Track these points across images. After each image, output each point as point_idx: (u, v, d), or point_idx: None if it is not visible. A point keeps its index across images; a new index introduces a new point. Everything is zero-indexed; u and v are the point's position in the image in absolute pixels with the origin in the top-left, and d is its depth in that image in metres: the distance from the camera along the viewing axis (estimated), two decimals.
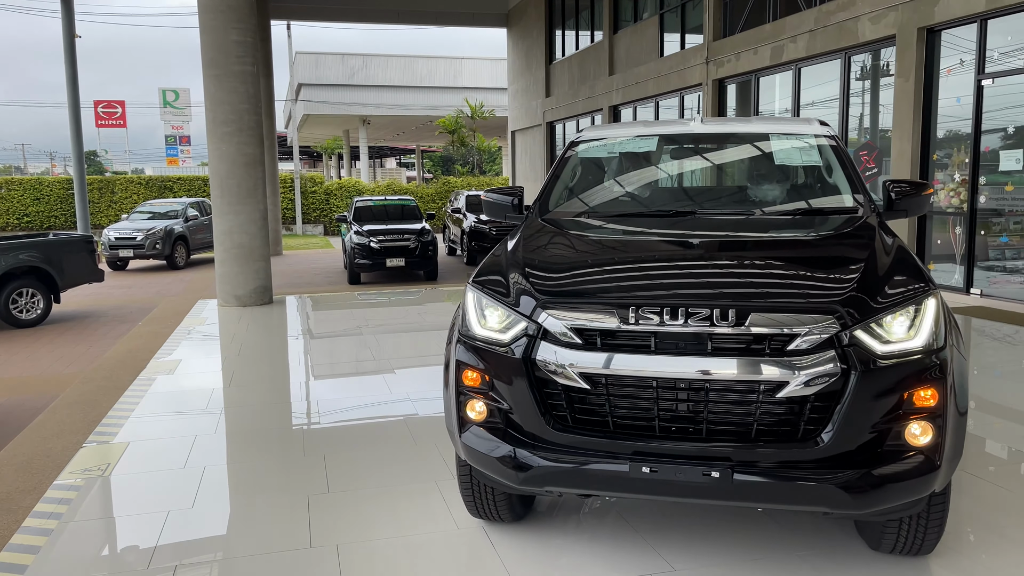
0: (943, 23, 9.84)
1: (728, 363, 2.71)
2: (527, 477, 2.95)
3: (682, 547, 3.45)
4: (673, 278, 3.07)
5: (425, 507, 3.96)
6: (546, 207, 4.23)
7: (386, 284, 16.06)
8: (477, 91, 38.14)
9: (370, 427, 5.32)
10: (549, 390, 2.94)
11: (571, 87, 21.78)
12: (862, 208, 3.82)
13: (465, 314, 3.23)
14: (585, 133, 4.66)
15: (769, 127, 4.42)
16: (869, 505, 2.70)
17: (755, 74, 13.68)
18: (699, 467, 2.74)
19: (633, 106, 18.39)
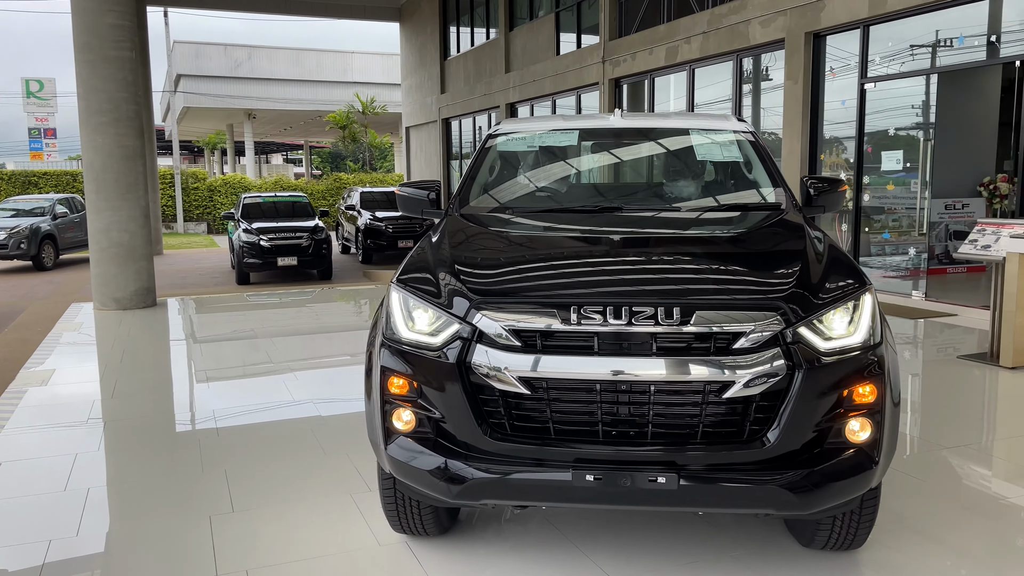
0: (829, 28, 10.23)
1: (674, 363, 2.60)
2: (462, 490, 2.76)
3: (615, 552, 3.34)
4: (612, 276, 2.95)
5: (342, 523, 3.70)
6: (467, 201, 4.04)
7: (277, 284, 15.44)
8: (368, 86, 37.38)
9: (274, 437, 4.98)
10: (485, 396, 2.76)
11: (467, 84, 21.61)
12: (785, 203, 3.82)
13: (389, 316, 3.00)
14: (503, 126, 4.49)
15: (688, 122, 4.38)
16: (814, 505, 2.65)
17: (651, 74, 13.88)
18: (645, 473, 2.62)
19: (530, 104, 18.39)
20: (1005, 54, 8.43)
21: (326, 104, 37.52)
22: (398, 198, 4.24)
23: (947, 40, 9.02)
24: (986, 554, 3.38)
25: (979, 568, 3.24)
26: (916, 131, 9.74)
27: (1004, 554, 3.37)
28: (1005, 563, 3.28)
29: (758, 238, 3.32)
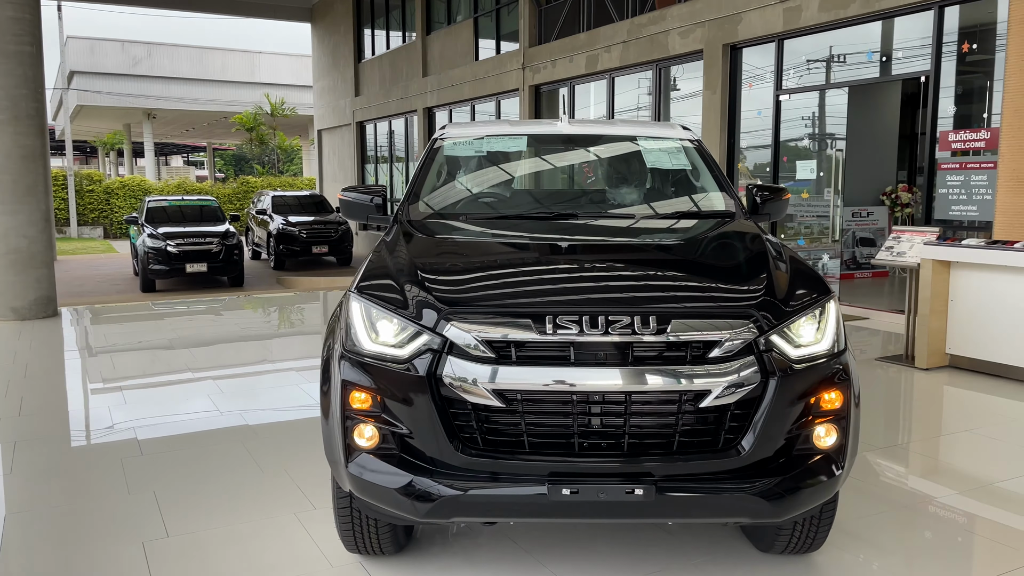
0: (746, 41, 10.53)
1: (651, 372, 2.56)
2: (432, 508, 2.65)
3: (579, 567, 3.28)
4: (584, 285, 2.89)
5: (289, 545, 3.51)
6: (417, 208, 3.92)
7: (186, 291, 14.79)
8: (276, 87, 36.42)
9: (203, 452, 4.72)
10: (455, 410, 2.66)
11: (383, 87, 21.31)
12: (736, 210, 3.86)
13: (349, 327, 2.86)
14: (449, 131, 4.39)
15: (636, 130, 4.39)
16: (786, 512, 2.66)
17: (571, 81, 14.00)
18: (622, 485, 2.57)
19: (449, 109, 18.28)
20: (909, 70, 8.86)
21: (232, 105, 36.34)
22: (341, 203, 4.09)
23: (856, 56, 9.42)
24: (927, 551, 3.48)
25: (925, 566, 3.34)
26: (828, 142, 10.14)
27: (944, 551, 3.48)
28: (949, 560, 3.39)
29: (720, 246, 3.33)
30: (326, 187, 26.41)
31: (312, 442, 4.90)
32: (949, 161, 8.31)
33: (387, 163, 22.28)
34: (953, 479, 4.30)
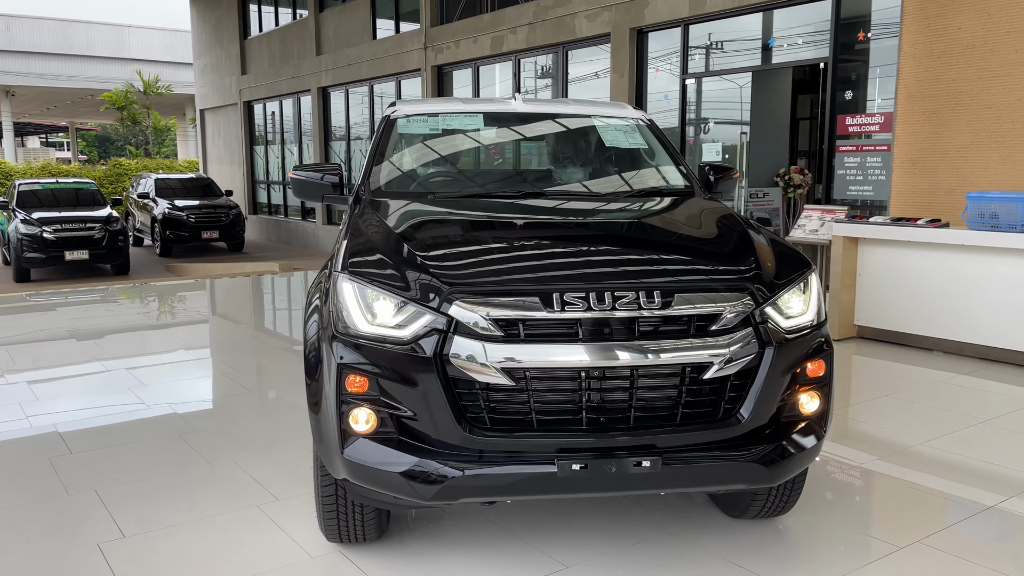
0: (652, 25, 10.76)
1: (657, 346, 2.60)
2: (441, 490, 2.60)
3: (564, 543, 3.30)
4: (583, 261, 2.89)
5: (260, 538, 3.37)
6: (379, 187, 3.81)
7: (65, 281, 13.87)
8: (149, 64, 34.43)
9: (141, 448, 4.45)
10: (461, 390, 2.61)
11: (272, 65, 20.54)
12: (696, 188, 3.96)
13: (342, 309, 2.75)
14: (402, 108, 4.28)
15: (590, 109, 4.42)
16: (782, 476, 2.77)
17: (476, 62, 13.92)
18: (630, 458, 2.60)
19: (345, 88, 17.82)
20: (809, 57, 9.30)
21: (99, 82, 34.11)
22: (294, 183, 3.93)
23: (759, 42, 9.80)
24: (863, 513, 3.71)
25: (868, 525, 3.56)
26: (733, 125, 10.53)
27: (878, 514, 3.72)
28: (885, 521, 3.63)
29: (703, 222, 3.39)
30: (211, 170, 25.29)
31: (256, 432, 4.72)
32: (846, 144, 8.81)
33: (279, 144, 21.53)
34: (871, 445, 4.55)
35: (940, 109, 7.56)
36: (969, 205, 6.17)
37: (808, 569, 3.13)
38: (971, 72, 7.30)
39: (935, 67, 7.57)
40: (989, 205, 6.01)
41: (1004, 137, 7.13)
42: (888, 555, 3.21)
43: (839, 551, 3.26)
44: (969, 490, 3.84)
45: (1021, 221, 5.81)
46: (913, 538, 3.33)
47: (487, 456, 2.62)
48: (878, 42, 8.50)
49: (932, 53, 7.59)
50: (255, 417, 4.98)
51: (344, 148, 18.41)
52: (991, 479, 4.01)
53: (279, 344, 7.24)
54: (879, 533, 3.41)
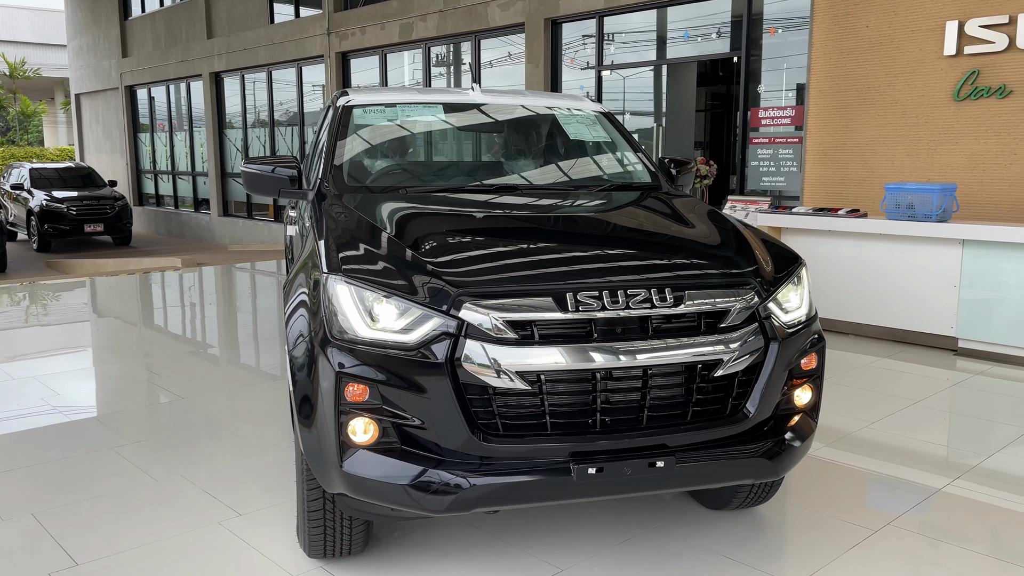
0: (567, 16, 10.79)
1: (671, 344, 2.56)
2: (455, 501, 2.48)
3: (554, 546, 3.24)
4: (589, 259, 2.81)
5: (231, 559, 3.14)
6: (341, 180, 3.62)
7: None
8: (15, 45, 32.04)
9: (70, 463, 4.07)
10: (472, 395, 2.50)
11: (157, 48, 19.45)
12: (661, 181, 3.96)
13: (337, 313, 2.58)
14: (355, 97, 4.08)
15: (549, 100, 4.34)
16: (785, 468, 2.80)
17: (383, 49, 13.59)
18: (644, 459, 2.56)
19: (241, 74, 17.07)
20: (722, 50, 9.54)
21: None
22: (245, 176, 3.68)
23: (674, 35, 9.98)
24: (835, 498, 3.83)
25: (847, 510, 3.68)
26: (646, 116, 10.69)
27: (846, 500, 3.85)
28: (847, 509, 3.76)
29: (691, 218, 3.35)
30: (89, 159, 23.79)
31: (196, 442, 4.43)
32: (759, 136, 9.09)
33: (167, 132, 20.44)
34: (817, 432, 4.72)
35: (850, 104, 7.90)
36: (887, 196, 6.47)
37: (800, 556, 3.19)
38: (879, 68, 7.66)
39: (845, 63, 7.90)
40: (906, 196, 6.32)
41: (909, 131, 7.52)
42: (867, 538, 3.31)
43: (821, 537, 3.33)
44: (920, 474, 4.01)
45: (936, 211, 6.14)
46: (883, 521, 3.45)
47: (500, 463, 2.52)
48: (789, 38, 8.81)
49: (842, 50, 7.92)
50: (192, 426, 4.66)
51: (241, 136, 17.66)
52: (936, 462, 4.21)
53: (202, 347, 6.84)
54: (851, 518, 3.51)
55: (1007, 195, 7.01)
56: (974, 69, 7.03)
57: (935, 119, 7.34)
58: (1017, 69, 6.82)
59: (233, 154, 18.06)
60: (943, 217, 6.18)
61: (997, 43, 6.86)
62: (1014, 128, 6.90)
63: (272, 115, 16.60)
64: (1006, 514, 3.57)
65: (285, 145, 16.44)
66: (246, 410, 4.96)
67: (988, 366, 5.96)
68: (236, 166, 18.05)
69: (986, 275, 6.02)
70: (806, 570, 3.06)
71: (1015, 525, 3.46)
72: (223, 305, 8.90)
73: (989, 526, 3.45)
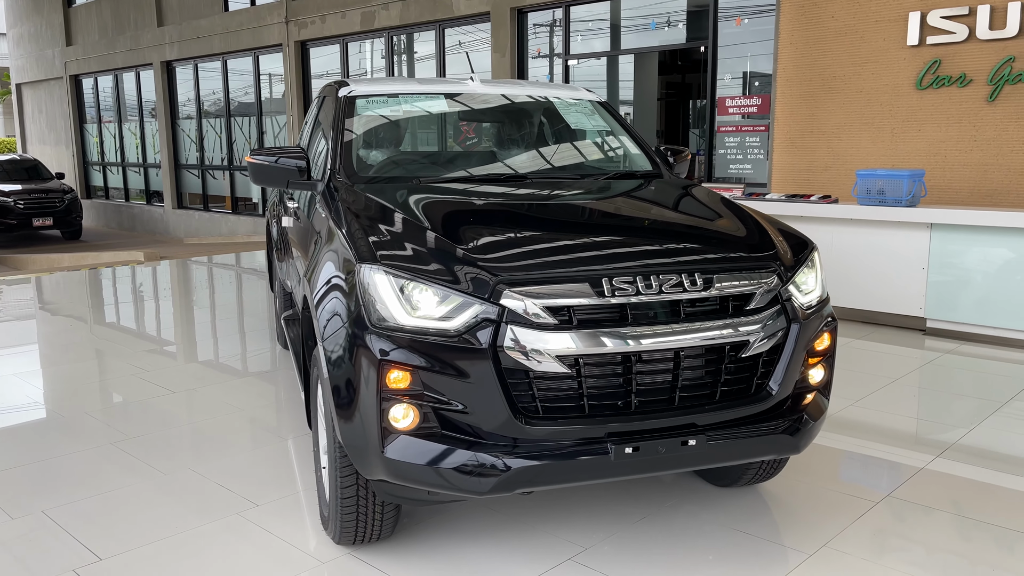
0: (532, 5, 10.83)
1: (703, 327, 2.66)
2: (500, 482, 2.54)
3: (574, 526, 3.32)
4: (622, 244, 2.88)
5: (257, 548, 3.15)
6: (352, 171, 3.62)
7: None
8: None
9: (75, 461, 4.01)
10: (514, 380, 2.56)
11: (104, 36, 18.91)
12: (662, 168, 4.05)
13: (375, 301, 2.61)
14: (357, 88, 4.08)
15: (547, 91, 4.39)
16: (804, 444, 2.92)
17: (344, 38, 13.46)
18: (677, 438, 2.66)
19: (194, 63, 16.71)
20: (690, 40, 9.70)
21: None
22: (252, 168, 3.66)
23: (641, 25, 10.10)
24: (831, 475, 4.00)
25: (845, 485, 3.84)
26: (617, 105, 10.81)
27: (842, 476, 4.02)
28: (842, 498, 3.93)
29: (706, 205, 3.44)
30: (32, 150, 23.06)
31: (197, 434, 4.40)
32: (727, 124, 9.28)
33: (115, 122, 19.91)
34: None
35: (816, 92, 8.12)
36: (858, 182, 6.69)
37: (812, 528, 3.31)
38: (844, 58, 7.89)
39: (811, 53, 8.11)
40: (876, 182, 6.54)
41: (874, 119, 7.77)
42: (870, 509, 3.47)
43: (828, 510, 3.48)
44: (907, 452, 4.20)
45: (906, 196, 6.38)
46: (881, 494, 3.61)
47: (540, 445, 2.59)
48: (755, 27, 8.99)
49: (808, 40, 8.13)
50: (187, 420, 4.62)
51: (195, 127, 17.31)
52: (921, 438, 4.41)
53: (186, 341, 6.74)
54: (852, 491, 3.67)
55: (967, 180, 7.30)
56: (936, 59, 7.29)
57: (899, 107, 7.60)
58: (977, 59, 7.10)
59: (187, 145, 17.70)
60: (912, 202, 6.42)
61: (958, 33, 7.13)
62: (974, 116, 7.19)
63: (228, 105, 16.31)
64: (990, 487, 3.77)
65: (243, 136, 16.17)
66: (240, 403, 4.93)
67: (956, 344, 6.23)
68: (190, 157, 17.71)
69: (953, 257, 6.28)
70: (820, 540, 3.20)
71: (1000, 494, 3.66)
72: (201, 299, 8.77)
73: (979, 497, 3.65)
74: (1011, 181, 7.06)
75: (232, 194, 16.74)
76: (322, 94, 4.69)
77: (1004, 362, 5.78)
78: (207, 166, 17.23)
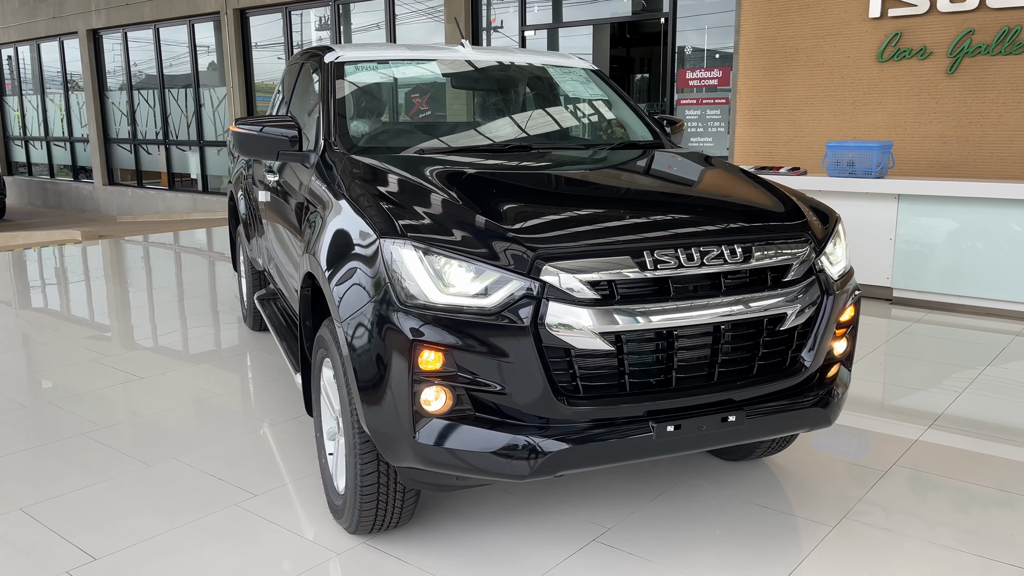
0: None
1: (744, 300, 2.58)
2: (541, 465, 2.42)
3: (592, 506, 3.23)
4: (657, 216, 2.76)
5: (265, 541, 2.98)
6: (349, 140, 3.42)
7: None
8: None
9: (48, 453, 3.74)
10: (554, 358, 2.44)
11: (24, 3, 17.84)
12: (663, 139, 3.96)
13: (404, 278, 2.45)
14: (344, 53, 3.85)
15: (542, 59, 4.24)
16: (835, 415, 2.88)
17: (287, 7, 12.96)
18: (717, 414, 2.58)
19: (123, 31, 15.90)
20: (650, 10, 9.62)
21: None
22: (240, 137, 3.43)
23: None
24: (835, 446, 4.02)
25: (853, 456, 3.85)
26: None
27: (846, 448, 4.04)
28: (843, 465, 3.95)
29: (728, 176, 3.34)
30: None
31: (175, 422, 4.16)
32: (687, 97, 9.26)
33: (37, 94, 18.87)
34: None
35: (778, 64, 8.15)
36: (828, 153, 6.74)
37: (828, 498, 3.30)
38: (806, 30, 7.92)
39: (773, 25, 8.12)
40: (846, 154, 6.60)
41: (835, 91, 7.84)
42: (882, 478, 3.48)
43: (840, 480, 3.48)
44: (900, 426, 4.25)
45: (875, 167, 6.45)
46: (885, 466, 3.63)
47: (581, 425, 2.48)
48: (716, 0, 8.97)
49: (770, 11, 8.14)
50: (162, 407, 4.37)
51: (126, 99, 16.53)
52: (909, 412, 4.48)
53: (145, 323, 6.40)
54: (855, 463, 3.68)
55: (927, 152, 7.44)
56: (897, 31, 7.38)
57: (860, 79, 7.68)
58: (937, 31, 7.21)
59: (117, 118, 16.89)
60: (881, 173, 6.50)
61: (919, 6, 7.22)
62: (933, 88, 7.31)
63: (162, 76, 15.58)
64: (990, 458, 3.84)
65: (178, 109, 15.50)
66: (216, 389, 4.70)
67: (923, 314, 6.36)
68: (120, 131, 16.91)
69: (919, 228, 6.39)
70: (838, 512, 3.19)
71: (995, 460, 3.73)
72: (153, 279, 8.36)
73: (983, 467, 3.71)
74: (970, 152, 7.22)
75: (168, 170, 16.07)
76: (298, 61, 4.45)
77: (971, 330, 5.93)
78: (140, 140, 16.48)
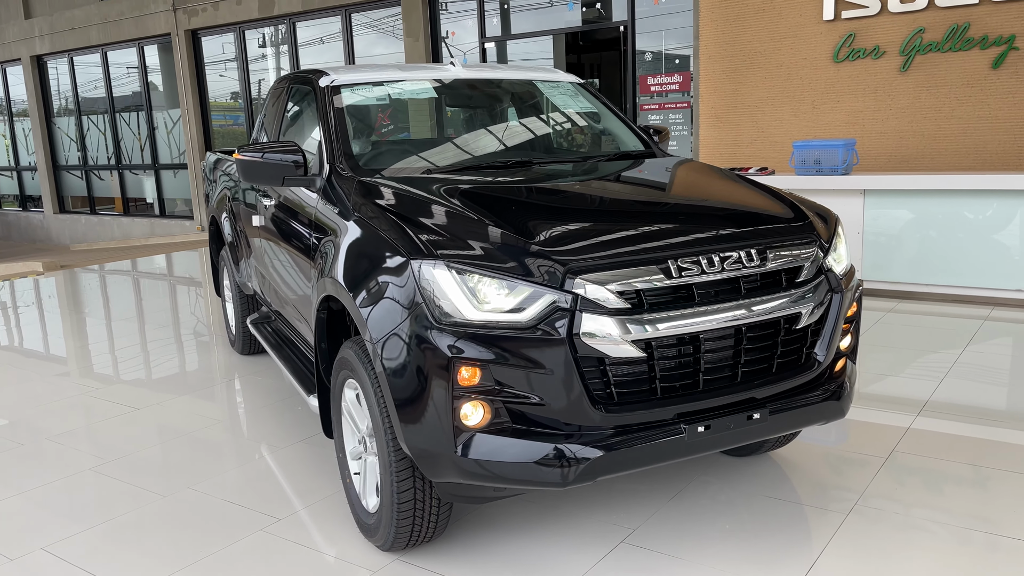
0: None
1: (762, 302, 2.69)
2: (582, 472, 2.50)
3: (613, 509, 3.32)
4: (674, 224, 2.87)
5: (300, 563, 2.99)
6: (357, 165, 3.46)
7: None
8: None
9: (57, 490, 3.68)
10: (588, 367, 2.52)
11: None
12: (654, 148, 4.08)
13: (439, 298, 2.51)
14: (339, 77, 3.88)
15: (530, 74, 4.33)
16: (847, 408, 3.01)
17: (240, 26, 12.86)
18: (742, 413, 2.69)
19: (69, 56, 15.59)
20: (609, 19, 9.79)
21: None
22: (244, 164, 3.45)
23: (559, 5, 10.12)
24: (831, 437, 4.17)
25: (850, 444, 4.01)
26: None
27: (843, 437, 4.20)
28: None
29: (729, 183, 3.46)
30: None
31: (184, 452, 4.14)
32: (649, 103, 9.45)
33: None
34: None
35: (738, 68, 8.37)
36: (795, 152, 6.96)
37: (838, 488, 3.44)
38: (763, 34, 8.16)
39: (731, 30, 8.35)
40: (813, 152, 6.82)
41: (795, 92, 8.09)
42: (883, 464, 3.63)
43: (845, 470, 3.62)
44: (890, 415, 4.43)
45: (841, 165, 6.68)
46: (883, 454, 3.78)
47: (617, 431, 2.56)
48: (676, 6, 9.17)
49: (727, 17, 8.36)
50: (164, 438, 4.33)
51: (73, 125, 16.19)
52: (896, 400, 4.66)
53: (131, 354, 6.30)
54: (853, 452, 3.83)
55: (883, 147, 7.72)
56: (850, 32, 7.65)
57: (817, 80, 7.94)
58: (889, 31, 7.50)
59: (66, 144, 16.53)
60: (847, 170, 6.73)
61: (871, 7, 7.50)
62: (887, 86, 7.59)
63: (112, 100, 15.31)
64: (982, 441, 4.02)
65: (131, 133, 15.24)
66: (216, 415, 4.67)
67: (894, 303, 6.60)
68: (70, 157, 16.55)
69: (885, 221, 6.64)
70: (848, 499, 3.33)
71: (986, 444, 3.92)
72: (134, 310, 8.22)
73: (980, 450, 3.89)
74: (925, 146, 7.51)
75: (123, 195, 15.78)
76: (286, 86, 4.47)
77: (940, 316, 6.17)
78: (91, 166, 16.15)
